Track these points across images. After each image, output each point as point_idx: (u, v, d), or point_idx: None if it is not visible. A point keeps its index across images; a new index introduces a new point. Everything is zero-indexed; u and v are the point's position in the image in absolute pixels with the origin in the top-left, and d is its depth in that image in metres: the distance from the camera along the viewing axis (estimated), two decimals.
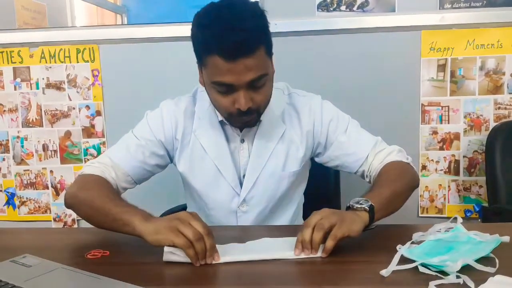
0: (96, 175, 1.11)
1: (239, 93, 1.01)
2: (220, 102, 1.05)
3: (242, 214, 1.20)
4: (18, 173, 1.94)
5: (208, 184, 1.19)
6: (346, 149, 1.18)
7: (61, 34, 1.85)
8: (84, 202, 1.04)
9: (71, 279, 0.81)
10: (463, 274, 0.75)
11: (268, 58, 1.05)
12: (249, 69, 0.98)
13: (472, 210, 1.80)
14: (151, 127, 1.19)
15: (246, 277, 0.82)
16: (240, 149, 1.18)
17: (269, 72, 1.05)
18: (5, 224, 1.97)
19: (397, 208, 1.06)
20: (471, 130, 1.76)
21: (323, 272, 0.83)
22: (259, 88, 1.04)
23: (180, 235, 0.85)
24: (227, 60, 0.97)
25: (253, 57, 0.98)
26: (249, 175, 1.17)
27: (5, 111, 1.91)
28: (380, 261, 0.82)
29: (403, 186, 1.08)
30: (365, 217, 0.93)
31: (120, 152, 1.17)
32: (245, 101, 1.01)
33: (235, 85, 1.00)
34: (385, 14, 1.71)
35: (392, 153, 1.17)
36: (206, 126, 1.18)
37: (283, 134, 1.18)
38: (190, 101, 1.22)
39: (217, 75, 1.00)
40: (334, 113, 1.21)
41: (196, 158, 1.19)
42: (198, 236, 0.85)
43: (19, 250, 0.93)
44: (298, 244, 0.89)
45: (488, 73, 1.73)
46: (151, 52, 1.81)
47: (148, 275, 0.84)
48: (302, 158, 1.21)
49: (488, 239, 0.88)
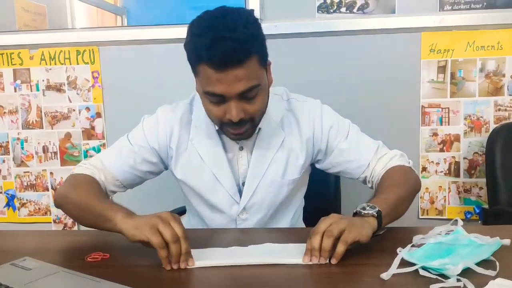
0: (85, 175, 1.13)
1: (230, 103, 1.00)
2: (213, 111, 1.05)
3: (242, 221, 1.20)
4: (18, 175, 1.94)
5: (206, 192, 1.19)
6: (347, 156, 1.18)
7: (61, 36, 1.85)
8: (71, 201, 1.06)
9: (71, 282, 0.81)
10: (463, 278, 0.75)
11: (261, 68, 1.02)
12: (239, 79, 0.97)
13: (472, 212, 1.80)
14: (146, 134, 1.18)
15: (245, 281, 0.82)
16: (239, 157, 1.17)
17: (262, 83, 1.03)
18: (5, 226, 1.96)
19: (402, 213, 1.05)
20: (471, 132, 1.76)
21: (323, 276, 0.83)
22: (252, 99, 1.02)
23: (157, 233, 0.85)
24: (217, 70, 0.96)
25: (243, 67, 0.96)
26: (248, 183, 1.16)
27: (5, 113, 1.91)
28: (381, 264, 0.82)
29: (407, 191, 1.08)
30: (374, 223, 0.91)
31: (111, 155, 1.18)
32: (236, 112, 1.00)
33: (225, 95, 0.99)
34: (385, 16, 1.71)
35: (394, 158, 1.16)
36: (203, 135, 1.17)
37: (282, 142, 1.17)
38: (187, 108, 1.20)
39: (208, 85, 1.00)
40: (334, 119, 1.20)
41: (194, 166, 1.18)
42: (175, 238, 0.84)
43: (19, 253, 0.93)
44: (307, 251, 0.87)
45: (488, 74, 1.72)
46: (151, 54, 1.81)
47: (148, 279, 0.83)
48: (302, 166, 1.20)
49: (489, 242, 0.88)
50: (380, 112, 1.76)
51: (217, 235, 1.10)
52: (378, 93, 1.75)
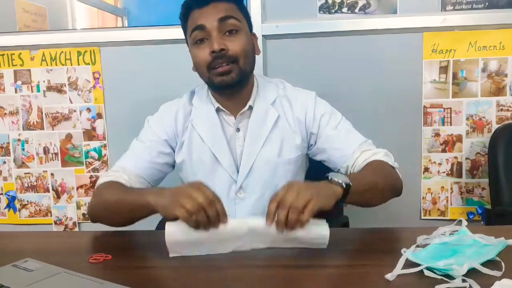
0: (108, 182, 1.15)
1: (212, 37, 1.11)
2: (199, 56, 1.13)
3: (239, 201, 1.21)
4: (18, 176, 1.93)
5: (206, 172, 1.21)
6: (333, 143, 1.20)
7: (62, 37, 1.84)
8: (103, 207, 1.10)
9: (73, 284, 0.80)
10: (469, 278, 0.74)
11: (241, 14, 1.16)
12: (218, 10, 1.11)
13: (474, 213, 1.80)
14: (153, 129, 1.24)
15: (247, 282, 0.82)
16: (235, 138, 1.21)
17: (241, 22, 1.15)
18: (5, 227, 1.96)
19: (373, 202, 1.07)
20: (474, 132, 1.76)
21: (327, 276, 0.82)
22: (232, 36, 1.12)
23: (191, 199, 0.87)
24: (201, 6, 1.12)
25: (222, 3, 1.12)
26: (244, 162, 1.19)
27: (6, 114, 1.91)
28: (385, 265, 0.82)
29: (385, 184, 1.09)
30: (338, 192, 0.94)
31: (128, 158, 1.22)
32: (217, 42, 1.10)
33: (207, 27, 1.11)
34: (386, 16, 1.71)
35: (378, 153, 1.17)
36: (202, 115, 1.22)
37: (276, 121, 1.20)
38: (188, 96, 1.27)
39: (194, 23, 1.13)
40: (327, 109, 1.24)
41: (194, 147, 1.22)
42: (208, 200, 0.87)
43: (20, 254, 0.92)
44: (271, 215, 0.88)
45: (490, 75, 1.72)
46: (152, 55, 1.81)
47: (151, 280, 0.83)
48: (298, 146, 1.22)
49: (494, 242, 0.88)
50: (382, 112, 1.75)
51: None
52: (380, 93, 1.75)
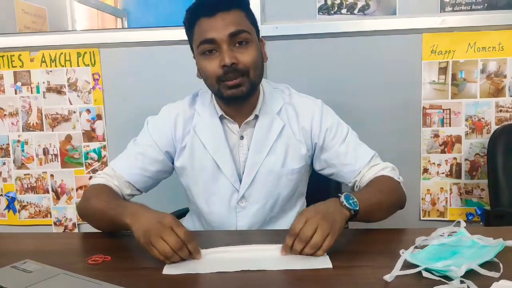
0: (99, 184, 1.17)
1: (223, 50, 1.07)
2: (208, 68, 1.10)
3: (241, 210, 1.21)
4: (18, 177, 1.94)
5: (207, 180, 1.20)
6: (343, 159, 1.20)
7: (62, 38, 1.84)
8: (89, 211, 1.12)
9: (72, 285, 0.80)
10: (467, 279, 0.74)
11: (249, 23, 1.12)
12: (228, 23, 1.07)
13: (474, 213, 1.80)
14: (151, 133, 1.22)
15: (246, 283, 0.82)
16: (239, 145, 1.20)
17: (252, 36, 1.11)
18: (5, 228, 1.96)
19: (377, 219, 1.09)
20: (473, 133, 1.76)
21: (326, 278, 0.82)
22: (242, 48, 1.09)
23: (161, 241, 0.87)
24: (208, 17, 1.08)
25: (230, 13, 1.08)
26: (247, 171, 1.18)
27: (5, 115, 1.91)
28: (383, 266, 0.82)
29: (390, 201, 1.12)
30: (347, 216, 0.98)
31: (121, 161, 1.23)
32: (228, 56, 1.06)
33: (217, 40, 1.07)
34: (386, 17, 1.71)
35: (386, 168, 1.19)
36: (205, 122, 1.20)
37: (281, 130, 1.19)
38: (190, 100, 1.25)
39: (202, 35, 1.09)
40: (334, 120, 1.22)
41: (196, 154, 1.20)
42: (179, 245, 0.88)
43: (19, 256, 0.93)
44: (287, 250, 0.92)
45: (489, 76, 1.72)
46: (151, 56, 1.81)
47: (149, 281, 0.83)
48: (303, 156, 1.21)
49: (492, 243, 0.88)
50: (381, 113, 1.75)
51: (214, 236, 1.10)
52: (379, 95, 1.75)
